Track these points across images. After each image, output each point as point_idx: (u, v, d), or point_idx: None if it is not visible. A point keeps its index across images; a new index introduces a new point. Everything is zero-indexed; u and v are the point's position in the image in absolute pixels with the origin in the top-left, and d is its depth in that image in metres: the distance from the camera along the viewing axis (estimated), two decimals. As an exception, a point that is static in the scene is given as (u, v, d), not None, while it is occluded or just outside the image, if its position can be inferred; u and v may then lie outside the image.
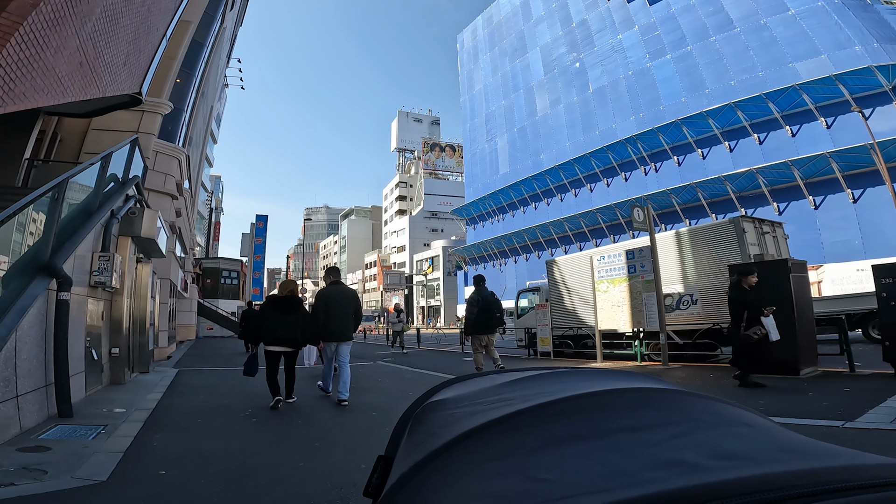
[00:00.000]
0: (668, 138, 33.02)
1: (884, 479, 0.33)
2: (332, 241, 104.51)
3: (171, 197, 12.54)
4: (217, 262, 33.16)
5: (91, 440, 3.52)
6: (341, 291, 5.63)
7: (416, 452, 0.52)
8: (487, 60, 53.13)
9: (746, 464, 0.38)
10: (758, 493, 0.32)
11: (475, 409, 0.57)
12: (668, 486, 0.34)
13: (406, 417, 0.69)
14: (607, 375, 0.68)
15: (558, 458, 0.43)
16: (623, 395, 0.55)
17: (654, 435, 0.45)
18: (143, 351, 7.33)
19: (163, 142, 12.55)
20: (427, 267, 60.18)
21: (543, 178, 41.94)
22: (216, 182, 62.01)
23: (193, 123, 17.73)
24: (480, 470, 0.44)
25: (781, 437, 0.47)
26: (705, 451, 0.41)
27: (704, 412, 0.51)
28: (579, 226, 38.46)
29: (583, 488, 0.37)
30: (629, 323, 8.00)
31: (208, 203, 44.23)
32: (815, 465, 0.37)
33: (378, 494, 0.62)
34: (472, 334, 7.15)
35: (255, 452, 3.38)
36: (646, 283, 7.77)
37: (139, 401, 5.04)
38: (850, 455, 0.40)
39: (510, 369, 0.75)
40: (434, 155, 79.93)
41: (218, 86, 27.86)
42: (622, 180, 36.72)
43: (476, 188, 51.96)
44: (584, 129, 39.53)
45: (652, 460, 0.40)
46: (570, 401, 0.52)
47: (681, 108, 32.21)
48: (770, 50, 29.14)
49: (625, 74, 36.81)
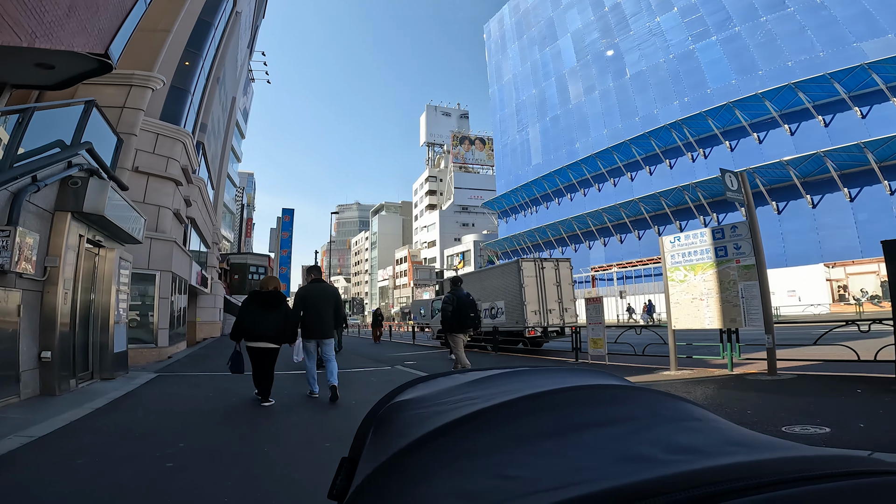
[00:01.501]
0: (718, 122, 30.26)
1: (822, 471, 0.35)
2: (362, 238, 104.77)
3: (174, 182, 11.54)
4: (244, 257, 32.88)
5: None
6: (320, 289, 5.57)
7: (382, 453, 0.52)
8: (516, 50, 51.86)
9: (699, 457, 0.40)
10: (710, 485, 0.33)
11: (440, 409, 0.56)
12: (629, 479, 0.35)
13: (369, 418, 0.68)
14: (568, 373, 0.68)
15: (524, 454, 0.43)
16: (585, 391, 0.55)
17: (616, 430, 0.47)
18: (104, 353, 6.19)
19: (164, 123, 11.59)
20: (458, 262, 58.68)
21: (579, 167, 39.68)
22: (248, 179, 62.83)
23: (207, 110, 16.86)
24: (448, 468, 0.44)
25: (729, 430, 0.48)
26: (662, 445, 0.42)
27: (660, 407, 0.53)
28: (619, 216, 35.96)
29: (549, 484, 0.37)
30: (718, 319, 6.14)
31: (238, 199, 44.33)
32: (761, 457, 0.38)
33: (343, 496, 0.61)
34: (448, 333, 7.29)
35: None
36: (743, 270, 5.92)
37: (41, 422, 3.77)
38: (790, 447, 0.42)
39: (475, 369, 0.74)
40: (464, 148, 78.31)
41: (240, 77, 27.26)
42: (666, 168, 34.13)
43: (507, 180, 50.26)
44: (622, 115, 37.62)
45: (614, 455, 0.41)
46: (534, 398, 0.52)
47: (731, 90, 29.84)
48: (829, 30, 26.77)
49: (665, 58, 34.80)
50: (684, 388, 5.57)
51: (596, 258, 38.45)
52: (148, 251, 10.25)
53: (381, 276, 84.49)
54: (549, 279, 12.30)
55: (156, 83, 10.05)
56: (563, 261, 12.94)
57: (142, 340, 9.92)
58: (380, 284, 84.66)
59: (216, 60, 16.79)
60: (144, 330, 10.06)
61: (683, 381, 6.06)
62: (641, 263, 34.23)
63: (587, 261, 38.89)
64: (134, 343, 9.68)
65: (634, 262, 34.84)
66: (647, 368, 7.32)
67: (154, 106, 11.71)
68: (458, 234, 66.81)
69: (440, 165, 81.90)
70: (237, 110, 30.10)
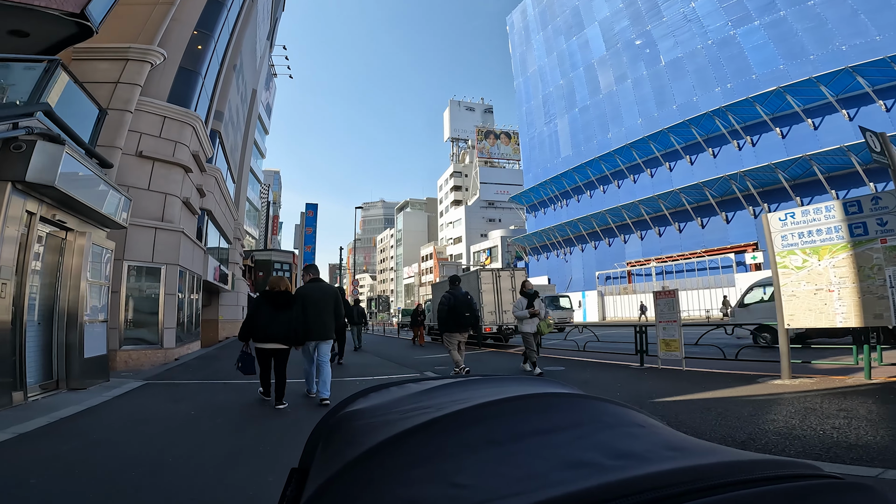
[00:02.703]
0: (766, 108, 27.79)
1: (756, 475, 0.36)
2: (388, 235, 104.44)
3: (183, 169, 10.65)
4: (269, 253, 32.45)
5: None
6: (319, 289, 5.45)
7: (333, 463, 0.52)
8: (540, 40, 50.86)
9: (640, 462, 0.41)
10: (650, 491, 0.34)
11: (391, 419, 0.57)
12: (574, 487, 0.36)
13: (320, 429, 0.67)
14: (516, 382, 0.69)
15: (475, 462, 0.44)
16: (532, 400, 0.56)
17: (561, 437, 0.48)
18: (72, 358, 5.18)
19: (171, 105, 10.70)
20: (485, 258, 57.19)
21: (612, 158, 37.64)
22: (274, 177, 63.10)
23: (223, 97, 16.07)
24: (399, 478, 0.44)
25: (669, 436, 0.49)
26: (605, 451, 0.43)
27: (603, 414, 0.54)
28: (658, 208, 33.75)
29: (499, 492, 0.38)
30: (856, 315, 4.57)
31: (264, 196, 44.18)
32: (699, 462, 0.40)
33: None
34: (444, 332, 7.24)
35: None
36: (891, 252, 4.36)
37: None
38: (729, 452, 0.43)
39: (427, 378, 0.75)
40: (489, 143, 76.68)
41: (260, 69, 26.62)
42: (709, 156, 31.85)
43: (536, 173, 48.59)
44: (657, 104, 35.93)
45: (561, 461, 0.42)
46: (483, 407, 0.53)
47: (780, 75, 27.87)
48: (885, 13, 24.75)
49: (703, 44, 33.08)
50: (822, 402, 4.19)
51: (632, 252, 36.30)
52: (152, 242, 9.36)
53: (407, 273, 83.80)
54: (506, 287, 14.26)
55: (154, 57, 9.12)
56: (519, 270, 15.05)
57: (145, 341, 9.04)
58: (405, 282, 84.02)
59: (230, 45, 15.96)
60: (148, 330, 9.18)
61: (813, 392, 4.62)
62: (683, 258, 31.98)
63: (622, 255, 36.79)
64: (135, 344, 8.80)
65: (675, 256, 32.59)
66: (744, 377, 5.83)
67: (160, 87, 10.86)
68: (485, 230, 65.35)
69: (465, 161, 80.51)
70: (259, 104, 29.57)
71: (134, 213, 9.20)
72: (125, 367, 8.52)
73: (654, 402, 4.70)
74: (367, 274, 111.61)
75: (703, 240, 31.32)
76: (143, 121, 10.05)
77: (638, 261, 35.26)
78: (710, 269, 30.33)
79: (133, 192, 9.39)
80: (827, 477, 0.38)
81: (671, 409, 4.29)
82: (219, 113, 15.79)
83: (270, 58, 33.89)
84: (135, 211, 9.24)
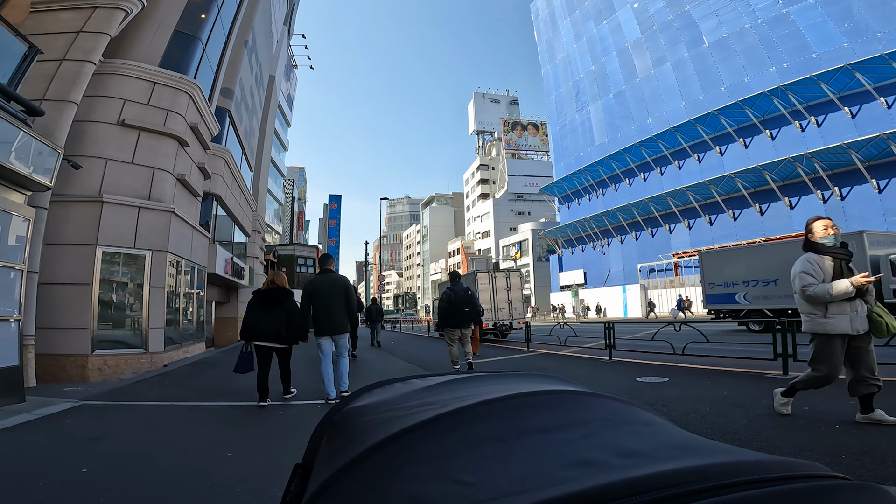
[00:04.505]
0: (833, 87, 24.78)
1: (762, 475, 0.36)
2: (413, 231, 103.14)
3: (177, 141, 9.14)
4: (292, 248, 31.32)
5: None
6: (329, 280, 5.19)
7: (336, 460, 0.52)
8: (568, 26, 49.29)
9: (646, 461, 0.40)
10: (656, 491, 0.34)
11: (395, 415, 0.57)
12: (579, 486, 0.35)
13: (323, 425, 0.66)
14: (521, 378, 0.68)
15: (478, 460, 0.44)
16: (537, 397, 0.56)
17: (566, 435, 0.47)
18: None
19: (163, 70, 9.22)
20: (515, 252, 54.87)
21: (654, 143, 34.87)
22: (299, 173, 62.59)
23: (232, 74, 14.66)
24: (402, 475, 0.44)
25: (674, 434, 0.49)
26: (610, 449, 0.43)
27: (609, 412, 0.54)
28: (709, 195, 30.79)
29: (503, 490, 0.38)
30: None
31: (288, 191, 43.29)
32: (706, 461, 0.39)
33: (297, 503, 0.60)
34: (444, 328, 7.23)
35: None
36: None
37: None
38: (736, 452, 0.43)
39: (431, 374, 0.72)
40: (516, 134, 74.04)
41: (277, 54, 25.30)
42: (766, 138, 28.86)
43: (568, 163, 46.15)
44: (703, 86, 33.72)
45: (565, 460, 0.42)
46: (488, 404, 0.53)
47: (844, 53, 25.40)
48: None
49: (751, 23, 30.82)
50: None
51: (679, 243, 33.39)
52: (134, 224, 7.86)
53: (434, 269, 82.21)
54: (501, 286, 15.33)
55: (130, 4, 7.53)
56: (514, 271, 16.30)
57: (125, 344, 7.53)
58: (432, 278, 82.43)
59: (238, 17, 14.49)
60: (130, 330, 7.66)
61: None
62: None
63: (667, 246, 33.93)
64: (112, 348, 7.27)
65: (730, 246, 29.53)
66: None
67: (151, 51, 9.44)
68: (514, 224, 63.00)
69: (491, 153, 78.21)
70: (279, 92, 28.33)
71: (112, 190, 7.70)
72: (100, 375, 7.02)
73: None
74: (393, 271, 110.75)
75: (763, 227, 28.25)
76: (126, 86, 8.60)
77: (686, 251, 32.32)
78: (772, 259, 27.26)
79: (112, 166, 7.90)
80: (835, 477, 0.38)
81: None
82: (227, 90, 14.35)
83: (290, 47, 32.69)
84: (113, 187, 7.74)
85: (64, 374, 6.84)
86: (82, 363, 6.88)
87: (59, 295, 6.91)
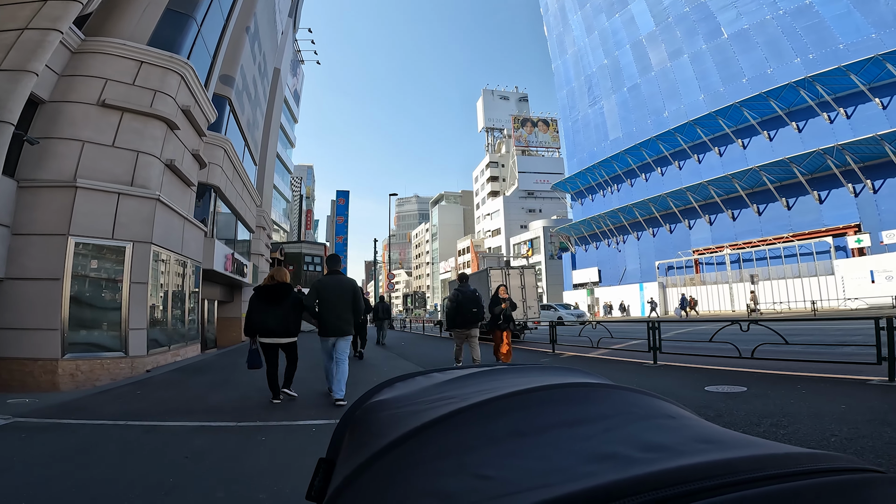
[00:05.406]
0: (862, 78, 23.97)
1: (792, 469, 0.35)
2: (423, 230, 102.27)
3: (165, 123, 8.36)
4: (299, 246, 30.56)
5: None
6: (336, 281, 5.16)
7: (359, 454, 0.52)
8: (579, 20, 48.33)
9: (671, 455, 0.40)
10: (682, 484, 0.33)
11: (416, 409, 0.57)
12: (602, 480, 0.35)
13: (346, 419, 0.67)
14: (543, 371, 0.68)
15: (499, 454, 0.44)
16: (559, 390, 0.55)
17: (589, 429, 0.47)
18: None
19: (151, 48, 8.44)
20: (526, 249, 53.74)
21: (672, 136, 33.66)
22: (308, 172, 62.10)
23: (231, 60, 13.91)
24: (423, 469, 0.44)
25: (700, 428, 0.48)
26: (634, 443, 0.43)
27: (633, 405, 0.53)
28: (731, 189, 29.49)
29: (523, 484, 0.37)
30: None
31: (296, 189, 42.67)
32: (732, 455, 0.38)
33: (321, 497, 0.61)
34: (450, 328, 7.33)
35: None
36: None
37: None
38: (764, 445, 0.42)
39: (451, 368, 0.72)
40: (526, 131, 72.76)
41: (282, 46, 24.59)
42: (793, 130, 27.59)
43: (580, 158, 45.08)
44: (722, 78, 32.65)
45: (587, 454, 0.41)
46: (508, 397, 0.52)
47: (872, 44, 24.32)
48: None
49: (773, 14, 29.71)
50: None
51: (700, 239, 32.07)
52: (113, 212, 7.07)
53: (443, 268, 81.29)
54: (515, 284, 14.69)
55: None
56: (529, 268, 15.95)
57: (101, 347, 6.73)
58: (441, 277, 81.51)
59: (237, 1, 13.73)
60: (106, 332, 6.85)
61: None
62: (766, 243, 27.58)
63: (687, 243, 32.61)
64: (85, 352, 6.46)
65: (755, 242, 28.21)
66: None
67: (139, 29, 8.70)
68: (525, 221, 61.86)
69: (501, 150, 77.04)
70: (285, 87, 27.66)
71: (88, 175, 6.90)
72: (72, 382, 6.23)
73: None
74: (402, 270, 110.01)
75: (791, 222, 26.88)
76: (110, 65, 7.84)
77: (707, 248, 31.00)
78: (800, 255, 25.86)
79: (90, 149, 7.11)
80: (868, 471, 0.36)
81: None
82: (227, 77, 13.60)
83: (296, 42, 32.01)
84: (90, 171, 6.95)
85: (32, 380, 6.07)
86: (52, 368, 6.10)
87: (26, 291, 6.14)
